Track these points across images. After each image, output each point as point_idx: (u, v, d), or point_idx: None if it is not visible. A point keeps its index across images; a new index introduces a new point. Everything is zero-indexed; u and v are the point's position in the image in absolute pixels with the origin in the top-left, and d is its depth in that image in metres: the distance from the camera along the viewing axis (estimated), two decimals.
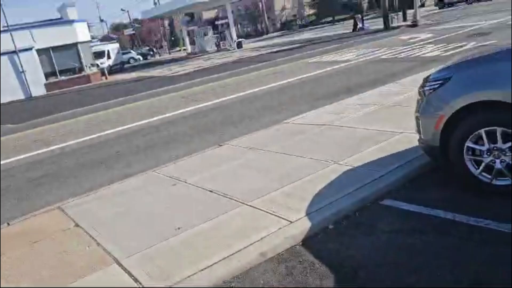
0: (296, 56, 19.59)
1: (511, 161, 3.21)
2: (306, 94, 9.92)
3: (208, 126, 8.46)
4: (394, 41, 18.32)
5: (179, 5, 37.23)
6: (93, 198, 5.12)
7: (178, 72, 23.97)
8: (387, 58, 13.36)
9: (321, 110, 7.55)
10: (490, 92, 3.16)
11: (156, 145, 7.63)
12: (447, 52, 12.12)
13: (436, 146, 3.63)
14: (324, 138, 5.79)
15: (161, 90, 15.70)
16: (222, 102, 10.80)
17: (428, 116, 3.63)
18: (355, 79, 10.79)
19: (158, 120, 9.91)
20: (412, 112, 5.98)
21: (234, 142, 6.53)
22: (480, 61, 3.40)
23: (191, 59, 33.92)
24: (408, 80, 8.82)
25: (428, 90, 3.65)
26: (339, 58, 15.69)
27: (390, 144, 4.97)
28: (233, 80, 14.79)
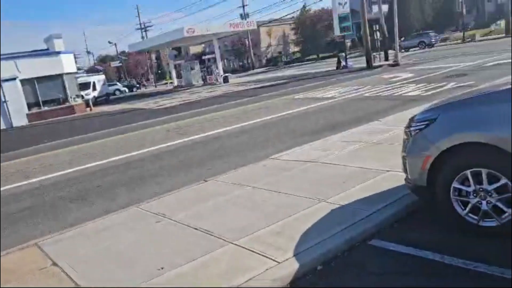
0: (281, 92, 19.90)
1: (497, 203, 3.23)
2: (292, 130, 10.00)
3: (194, 160, 8.40)
4: (377, 79, 18.83)
5: (167, 39, 37.85)
6: (73, 235, 4.94)
7: (164, 105, 24.03)
8: (370, 96, 13.67)
9: (307, 147, 7.59)
10: (474, 134, 3.22)
11: (141, 179, 7.50)
12: (428, 92, 12.48)
13: (423, 186, 3.65)
14: (311, 175, 5.79)
15: (146, 123, 15.65)
16: (208, 136, 10.79)
17: (415, 156, 3.67)
18: (340, 116, 10.97)
19: (143, 153, 9.80)
20: (397, 151, 6.07)
21: (221, 177, 6.47)
22: (465, 104, 3.49)
23: (177, 93, 34.13)
24: (392, 118, 9.00)
25: (414, 130, 3.70)
26: (323, 95, 15.99)
27: (377, 182, 4.99)
28: (219, 114, 14.86)
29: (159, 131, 13.03)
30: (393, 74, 19.89)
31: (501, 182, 3.16)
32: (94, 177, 8.17)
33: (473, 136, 3.22)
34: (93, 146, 11.96)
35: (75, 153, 11.23)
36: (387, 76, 19.47)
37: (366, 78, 20.58)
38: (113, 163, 9.14)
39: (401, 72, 20.25)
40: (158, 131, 12.96)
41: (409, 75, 18.27)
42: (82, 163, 9.68)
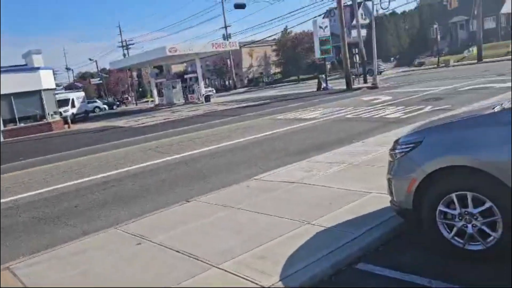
0: (263, 112, 19.99)
1: (482, 226, 3.25)
2: (275, 150, 9.99)
3: (175, 180, 8.25)
4: (357, 101, 19.16)
5: (149, 57, 37.78)
6: (47, 258, 4.72)
7: (145, 123, 23.78)
8: (351, 118, 13.86)
9: (291, 167, 7.57)
10: (459, 157, 3.26)
11: (120, 199, 7.31)
12: (407, 114, 12.74)
13: (409, 209, 3.65)
14: (295, 197, 5.74)
15: (126, 141, 15.40)
16: (190, 155, 10.66)
17: (400, 179, 3.68)
18: (323, 137, 11.04)
19: (122, 172, 9.59)
20: (380, 173, 6.11)
21: (203, 198, 6.36)
22: (450, 127, 3.54)
23: (158, 111, 33.90)
24: (373, 140, 9.11)
25: (399, 152, 3.73)
26: (305, 115, 16.13)
27: (362, 204, 4.98)
28: (201, 134, 14.77)
29: (139, 149, 12.82)
30: (372, 96, 20.28)
31: (486, 206, 3.19)
32: (71, 196, 7.92)
33: (458, 160, 3.25)
34: (70, 164, 11.65)
35: (51, 171, 10.90)
36: (367, 98, 19.84)
37: (347, 100, 20.92)
38: (91, 183, 8.89)
39: (380, 94, 20.68)
40: (138, 150, 12.74)
41: (388, 97, 18.66)
42: (59, 182, 9.38)
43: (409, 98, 17.00)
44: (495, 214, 3.15)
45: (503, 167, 3.04)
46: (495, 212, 3.15)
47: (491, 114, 3.36)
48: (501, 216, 3.12)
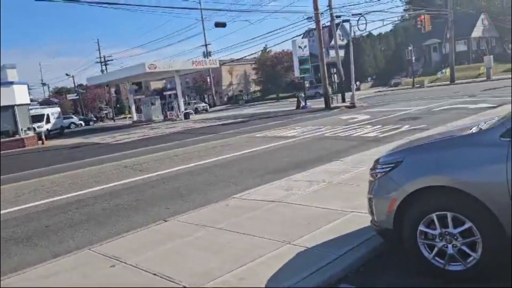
0: (243, 129, 19.98)
1: (462, 247, 3.25)
2: (254, 168, 9.93)
3: (153, 198, 8.06)
4: (335, 120, 19.40)
5: (127, 74, 37.50)
6: (16, 281, 4.48)
7: (121, 140, 23.39)
8: (330, 136, 13.98)
9: (270, 186, 7.51)
10: (439, 177, 3.28)
11: (94, 219, 7.06)
12: (385, 133, 12.94)
13: (389, 229, 3.64)
14: (275, 216, 5.67)
15: (101, 158, 15.05)
16: (168, 173, 10.48)
17: (381, 199, 3.67)
18: (302, 155, 11.06)
19: (97, 190, 9.32)
20: (359, 191, 6.13)
21: (181, 217, 6.21)
22: (430, 147, 3.58)
23: (136, 128, 33.48)
24: (352, 158, 9.17)
25: (380, 172, 3.73)
26: (284, 133, 16.19)
27: (342, 223, 4.95)
28: (179, 151, 14.59)
29: (115, 167, 12.53)
30: (350, 115, 20.60)
31: (466, 226, 3.20)
32: (42, 216, 7.61)
33: (438, 180, 3.27)
34: (41, 182, 11.26)
35: (21, 189, 10.50)
36: (345, 117, 20.12)
37: (325, 118, 21.17)
38: (64, 201, 8.59)
39: (358, 113, 21.02)
40: (114, 167, 12.45)
41: (366, 116, 18.98)
42: (28, 200, 9.03)
43: (386, 118, 17.33)
44: (475, 234, 3.17)
45: (482, 188, 3.07)
46: (475, 232, 3.16)
47: (469, 135, 3.41)
48: (480, 237, 3.13)
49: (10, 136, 26.74)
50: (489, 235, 3.09)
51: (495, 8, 55.04)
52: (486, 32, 54.57)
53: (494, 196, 3.03)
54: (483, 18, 53.69)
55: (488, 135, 3.17)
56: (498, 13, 54.58)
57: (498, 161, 3.00)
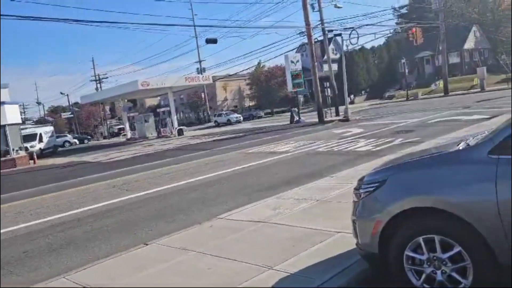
0: (236, 145, 19.77)
1: (451, 273, 3.01)
2: (244, 185, 9.68)
3: (137, 220, 7.78)
4: (328, 134, 19.23)
5: (121, 91, 37.46)
6: None
7: (114, 158, 23.12)
8: (323, 151, 13.78)
9: (258, 205, 7.25)
10: (425, 198, 3.05)
11: (74, 243, 6.77)
12: (378, 147, 12.75)
13: (374, 253, 3.39)
14: (260, 238, 5.41)
15: (91, 178, 14.75)
16: (156, 192, 10.21)
17: (365, 221, 3.44)
18: (294, 171, 10.83)
19: (82, 212, 9.03)
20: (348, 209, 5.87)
21: (163, 240, 5.93)
22: (415, 166, 3.35)
23: (130, 145, 33.23)
24: (344, 174, 8.94)
25: (363, 192, 3.50)
26: (278, 149, 15.98)
27: (329, 245, 4.70)
28: (170, 169, 14.33)
29: (103, 186, 12.25)
30: (344, 129, 20.45)
31: (455, 250, 2.96)
32: (22, 241, 7.31)
33: (424, 200, 3.05)
34: (27, 204, 10.95)
35: (4, 212, 10.18)
36: (339, 131, 19.97)
37: (319, 132, 21.01)
38: (46, 224, 8.29)
39: (351, 127, 20.87)
40: (102, 187, 12.17)
41: (359, 130, 18.83)
42: (11, 223, 8.71)
43: (380, 131, 17.17)
44: (464, 259, 2.93)
45: (470, 209, 2.84)
46: (465, 257, 2.92)
47: (456, 152, 3.20)
48: (471, 262, 2.89)
49: (1, 156, 26.43)
50: (479, 260, 2.86)
51: (487, 20, 55.68)
52: (478, 43, 55.09)
53: (483, 217, 2.80)
54: (475, 30, 54.24)
55: (475, 152, 2.95)
56: (489, 25, 55.21)
57: (486, 180, 2.78)
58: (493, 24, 55.25)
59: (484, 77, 39.84)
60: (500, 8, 55.77)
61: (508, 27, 53.60)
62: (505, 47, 52.46)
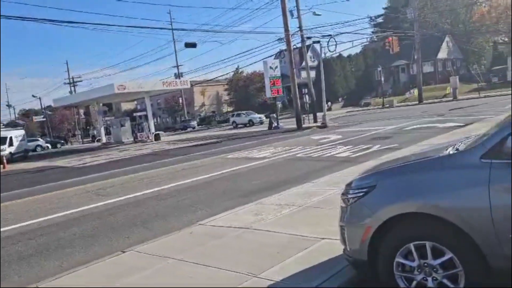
0: (214, 151, 19.55)
1: (443, 280, 2.95)
2: (224, 191, 9.51)
3: (113, 226, 7.49)
4: (307, 140, 19.27)
5: (96, 95, 36.62)
6: None
7: (88, 163, 22.48)
8: (302, 157, 13.75)
9: (239, 210, 7.10)
10: (416, 203, 2.99)
11: (46, 250, 6.44)
12: (357, 153, 12.81)
13: (364, 260, 3.30)
14: (243, 244, 5.26)
15: (64, 183, 14.24)
16: (133, 198, 9.91)
17: (354, 227, 3.35)
18: (274, 176, 10.73)
19: (55, 218, 8.64)
20: (331, 215, 5.80)
21: (141, 247, 5.71)
22: (405, 170, 3.30)
23: (105, 150, 32.46)
24: (324, 180, 8.90)
25: (352, 198, 3.42)
26: (256, 154, 15.87)
27: (314, 251, 4.60)
28: (147, 174, 13.99)
29: (78, 192, 11.82)
30: (322, 135, 20.54)
31: (446, 257, 2.90)
32: None
33: (415, 206, 2.98)
34: None
35: None
36: (317, 137, 20.04)
37: (297, 138, 21.04)
38: (16, 231, 7.89)
39: (329, 134, 21.00)
40: (75, 192, 11.74)
41: (337, 136, 18.94)
42: None
43: (358, 137, 17.31)
44: (456, 266, 2.87)
45: (462, 214, 2.79)
46: (456, 263, 2.87)
47: (447, 156, 3.15)
48: (462, 269, 2.84)
49: None
50: (471, 267, 2.81)
51: (459, 31, 57.48)
52: (451, 53, 56.77)
53: (475, 223, 2.76)
54: (447, 40, 55.90)
55: (467, 157, 2.91)
56: (461, 36, 57.01)
57: (479, 185, 2.74)
58: (465, 35, 57.10)
59: (456, 86, 41.02)
60: (471, 20, 57.73)
61: (478, 39, 55.59)
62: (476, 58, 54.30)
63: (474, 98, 36.68)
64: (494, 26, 53.93)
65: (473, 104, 29.28)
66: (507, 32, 53.34)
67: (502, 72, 47.75)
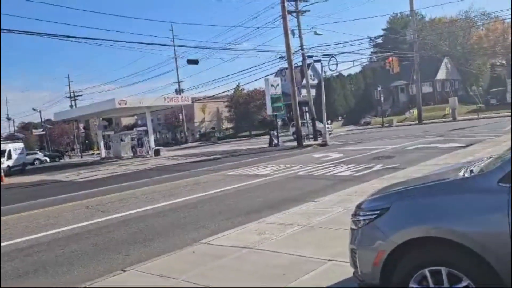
0: (214, 167, 19.45)
1: None
2: (225, 209, 9.39)
3: (113, 244, 7.35)
4: (308, 158, 19.19)
5: (97, 109, 36.70)
6: None
7: (87, 177, 22.33)
8: (304, 175, 13.65)
9: (241, 229, 6.98)
10: (432, 227, 2.90)
11: (44, 267, 6.30)
12: (359, 172, 12.73)
13: (375, 284, 3.20)
14: (246, 265, 5.14)
15: (63, 198, 14.09)
16: (133, 214, 9.77)
17: (366, 250, 3.25)
18: (276, 195, 10.62)
19: (53, 234, 8.50)
20: (337, 236, 5.71)
21: (142, 266, 5.57)
22: (420, 192, 3.21)
23: (104, 164, 32.32)
24: (327, 199, 8.79)
25: (363, 220, 3.33)
26: (257, 172, 15.76)
27: (321, 274, 4.48)
28: (146, 190, 13.86)
29: (76, 207, 11.67)
30: (323, 153, 20.47)
31: (463, 284, 2.80)
32: None
33: (430, 230, 2.89)
34: None
35: None
36: (318, 155, 19.97)
37: (298, 156, 20.96)
38: (12, 247, 7.72)
39: (330, 152, 20.93)
40: (74, 208, 11.59)
41: (338, 155, 18.87)
42: None
43: (359, 156, 17.24)
44: None
45: (480, 240, 2.71)
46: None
47: (463, 180, 3.08)
48: None
49: None
50: None
51: (457, 53, 58.11)
52: (450, 75, 57.22)
53: (494, 249, 2.67)
54: (446, 61, 56.41)
55: (484, 180, 2.84)
56: (459, 58, 57.60)
57: (497, 210, 2.67)
58: (463, 57, 57.69)
59: (455, 106, 41.20)
60: (469, 42, 58.44)
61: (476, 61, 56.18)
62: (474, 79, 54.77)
63: (473, 119, 36.82)
64: (492, 48, 54.58)
65: (472, 125, 29.36)
66: (504, 55, 54.01)
67: (500, 94, 48.09)
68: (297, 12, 31.38)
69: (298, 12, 31.45)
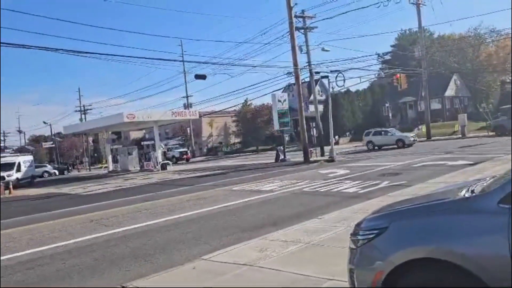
0: (220, 182, 19.41)
1: None
2: (229, 225, 9.32)
3: (114, 258, 7.31)
4: (314, 174, 19.08)
5: (106, 123, 37.03)
6: None
7: (94, 190, 22.41)
8: (309, 191, 13.55)
9: (244, 246, 6.91)
10: (430, 248, 2.83)
11: (45, 281, 6.27)
12: (365, 189, 12.60)
13: None
14: (246, 283, 5.06)
15: (68, 211, 14.13)
16: (136, 229, 9.74)
17: (364, 270, 3.18)
18: (280, 211, 10.54)
19: (55, 248, 8.49)
20: (339, 254, 5.60)
21: (142, 282, 5.52)
22: (418, 212, 3.15)
23: (111, 178, 32.45)
24: (332, 216, 8.69)
25: (362, 239, 3.27)
26: (263, 187, 15.69)
27: None
28: (151, 204, 13.84)
29: (80, 221, 11.68)
30: (329, 169, 20.34)
31: None
32: None
33: (429, 251, 2.83)
34: None
35: None
36: (324, 171, 19.85)
37: (305, 172, 20.85)
38: (14, 261, 7.72)
39: (337, 168, 20.80)
40: (78, 221, 11.60)
41: (345, 171, 18.74)
42: None
43: (366, 173, 17.11)
44: None
45: (479, 262, 2.63)
46: None
47: (463, 200, 3.02)
48: None
49: None
50: None
51: (466, 70, 57.90)
52: (459, 91, 56.96)
53: (493, 272, 2.59)
54: (455, 78, 56.21)
55: (484, 201, 2.78)
56: (468, 74, 57.36)
57: (497, 232, 2.60)
58: (472, 73, 57.45)
59: (465, 124, 40.84)
60: (478, 59, 58.25)
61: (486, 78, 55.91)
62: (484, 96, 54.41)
63: (483, 137, 36.44)
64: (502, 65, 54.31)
65: (482, 143, 29.04)
66: None
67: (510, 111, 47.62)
68: (304, 29, 31.61)
69: (306, 29, 31.68)
